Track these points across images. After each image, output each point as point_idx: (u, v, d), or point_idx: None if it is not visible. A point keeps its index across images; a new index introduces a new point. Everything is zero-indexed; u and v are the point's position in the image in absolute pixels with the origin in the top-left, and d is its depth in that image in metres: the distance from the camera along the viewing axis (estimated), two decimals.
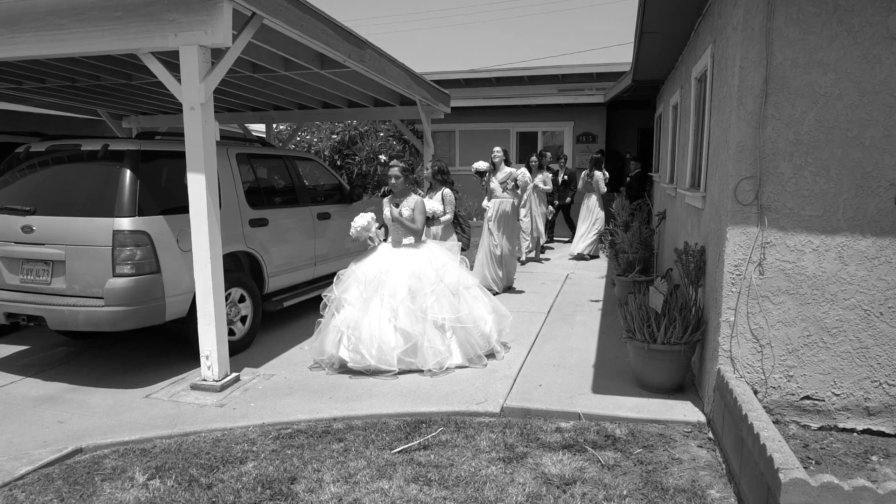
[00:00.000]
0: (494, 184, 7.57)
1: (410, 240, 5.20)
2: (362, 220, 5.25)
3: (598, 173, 10.58)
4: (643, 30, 5.60)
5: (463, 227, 6.63)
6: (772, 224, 3.50)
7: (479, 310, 5.05)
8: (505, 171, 7.62)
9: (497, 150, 7.79)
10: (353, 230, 5.25)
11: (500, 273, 7.62)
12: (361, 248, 5.55)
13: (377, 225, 5.32)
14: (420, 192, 5.95)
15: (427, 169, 6.99)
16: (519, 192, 7.52)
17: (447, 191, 6.24)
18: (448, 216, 6.15)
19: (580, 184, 10.83)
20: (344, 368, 4.78)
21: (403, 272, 4.87)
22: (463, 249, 6.03)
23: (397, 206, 5.21)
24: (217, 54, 4.30)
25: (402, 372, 4.68)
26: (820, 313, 3.51)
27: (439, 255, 5.12)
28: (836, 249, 3.45)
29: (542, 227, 10.03)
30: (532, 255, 10.10)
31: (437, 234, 6.14)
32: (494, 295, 6.67)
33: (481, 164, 8.02)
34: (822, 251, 3.47)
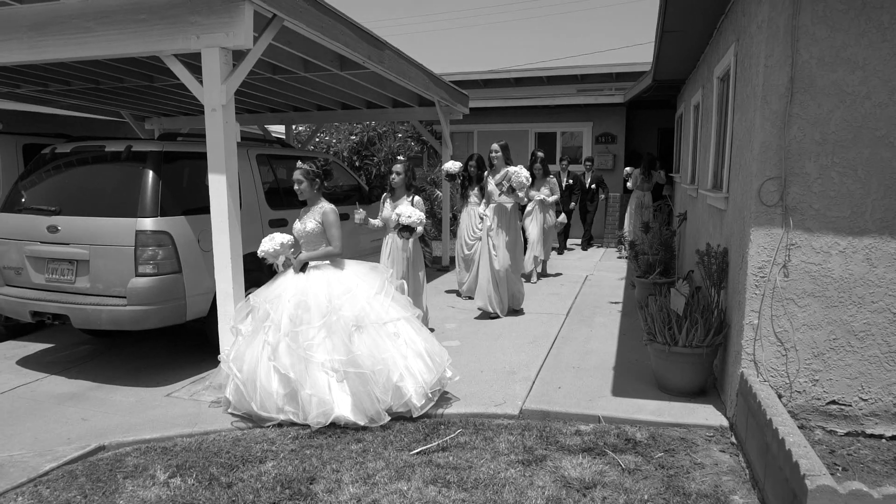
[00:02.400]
0: (492, 186, 6.42)
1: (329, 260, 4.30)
2: (273, 243, 4.21)
3: (654, 172, 10.56)
4: (664, 29, 5.54)
5: (426, 241, 6.20)
6: (797, 225, 3.44)
7: (390, 352, 3.91)
8: (503, 171, 6.41)
9: (496, 147, 6.57)
10: (261, 252, 4.25)
11: (498, 294, 6.44)
12: (378, 248, 5.52)
13: (291, 249, 4.30)
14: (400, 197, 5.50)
15: (442, 169, 6.80)
16: (520, 194, 6.22)
17: (418, 198, 5.54)
18: (421, 228, 5.28)
19: (633, 182, 10.67)
20: (235, 410, 4.02)
21: (292, 300, 3.98)
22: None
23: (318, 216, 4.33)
24: (238, 56, 4.33)
25: (282, 424, 3.88)
26: (847, 316, 3.44)
27: (346, 279, 4.14)
28: (864, 251, 3.38)
29: (541, 244, 8.57)
30: (532, 275, 8.56)
31: (409, 252, 5.42)
32: (494, 318, 6.36)
33: (452, 165, 7.33)
34: (849, 253, 3.40)
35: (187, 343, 5.69)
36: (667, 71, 7.82)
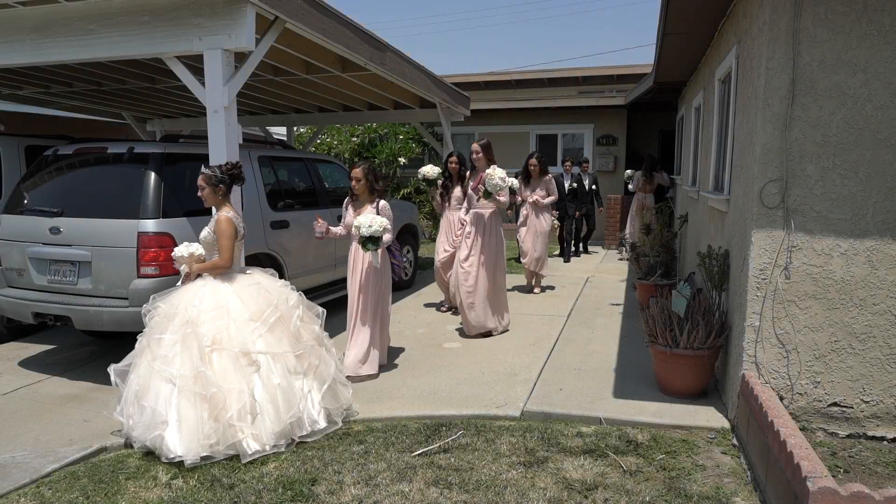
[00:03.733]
0: (471, 190, 5.92)
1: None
2: (183, 250, 3.96)
3: (656, 174, 10.49)
4: (666, 31, 5.55)
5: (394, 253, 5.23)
6: (798, 227, 3.44)
7: (235, 386, 3.49)
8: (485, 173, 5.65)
9: (476, 148, 5.89)
10: (173, 256, 4.03)
11: (474, 311, 5.72)
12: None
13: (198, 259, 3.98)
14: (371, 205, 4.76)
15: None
16: (500, 199, 5.61)
17: (384, 202, 4.81)
18: (389, 236, 4.66)
19: (634, 184, 10.56)
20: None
21: (166, 312, 3.72)
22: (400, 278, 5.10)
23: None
24: (240, 58, 4.34)
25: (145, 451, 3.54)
26: (848, 318, 3.44)
27: (224, 296, 3.73)
28: (866, 253, 3.38)
29: (536, 253, 7.67)
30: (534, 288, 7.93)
31: (377, 266, 4.70)
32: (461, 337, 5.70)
33: (430, 170, 6.61)
34: (850, 255, 3.40)
35: None
36: (668, 73, 7.83)
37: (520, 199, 7.73)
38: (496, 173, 5.49)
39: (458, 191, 6.53)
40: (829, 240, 3.42)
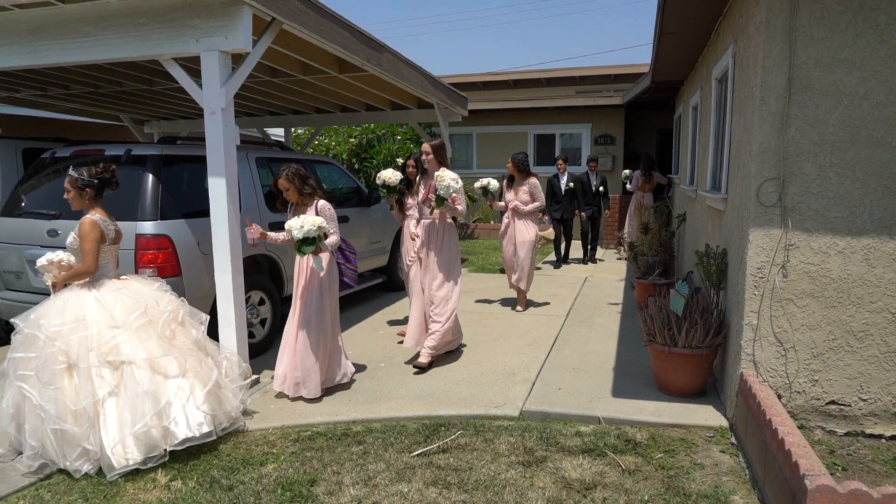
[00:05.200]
0: (421, 202, 5.19)
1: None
2: (45, 257, 3.78)
3: (654, 173, 10.47)
4: (662, 30, 5.56)
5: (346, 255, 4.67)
6: (795, 226, 3.45)
7: (89, 402, 3.34)
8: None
9: (426, 149, 5.04)
10: (41, 275, 3.85)
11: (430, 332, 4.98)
12: (380, 251, 5.49)
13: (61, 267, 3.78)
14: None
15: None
16: (458, 207, 4.96)
17: (323, 202, 4.39)
18: (335, 238, 4.31)
19: (633, 184, 10.50)
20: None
21: (29, 332, 3.53)
22: (349, 287, 4.68)
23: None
24: (237, 59, 4.34)
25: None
26: (846, 317, 3.45)
27: (85, 305, 3.56)
28: (863, 251, 3.39)
29: (520, 269, 6.77)
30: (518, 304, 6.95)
31: (319, 272, 4.32)
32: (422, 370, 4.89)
33: (389, 175, 5.56)
34: (847, 253, 3.41)
35: None
36: (665, 72, 7.84)
37: (503, 204, 6.90)
38: (446, 174, 4.77)
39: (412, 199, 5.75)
40: (826, 238, 3.42)
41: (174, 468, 3.37)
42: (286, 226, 4.08)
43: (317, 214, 4.27)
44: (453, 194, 4.83)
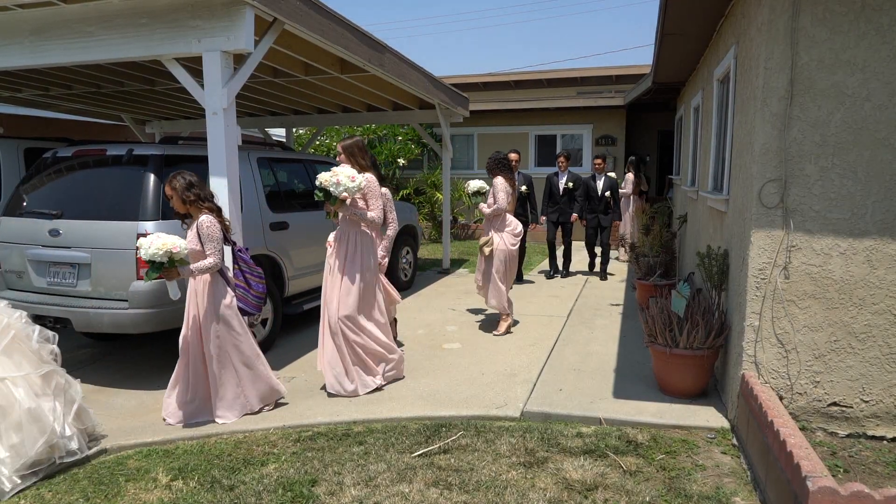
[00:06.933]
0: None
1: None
2: None
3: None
4: (664, 31, 5.55)
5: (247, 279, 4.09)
6: (797, 227, 3.45)
7: None
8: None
9: (338, 149, 4.52)
10: None
11: (343, 364, 4.31)
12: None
13: None
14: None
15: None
16: (370, 215, 4.28)
17: (205, 217, 3.83)
18: (209, 261, 3.77)
19: (630, 187, 10.52)
20: None
21: None
22: (247, 314, 4.06)
23: None
24: (239, 60, 4.35)
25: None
26: (848, 318, 3.44)
27: None
28: (865, 253, 3.39)
29: (495, 282, 5.84)
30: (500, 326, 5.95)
31: (201, 291, 3.86)
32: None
33: (328, 177, 4.10)
34: (849, 255, 3.40)
35: None
36: (667, 73, 7.84)
37: (484, 206, 5.96)
38: (339, 170, 4.10)
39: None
40: (828, 239, 3.42)
41: (175, 467, 3.37)
42: (137, 243, 3.61)
43: (199, 235, 3.80)
44: (343, 193, 4.07)
